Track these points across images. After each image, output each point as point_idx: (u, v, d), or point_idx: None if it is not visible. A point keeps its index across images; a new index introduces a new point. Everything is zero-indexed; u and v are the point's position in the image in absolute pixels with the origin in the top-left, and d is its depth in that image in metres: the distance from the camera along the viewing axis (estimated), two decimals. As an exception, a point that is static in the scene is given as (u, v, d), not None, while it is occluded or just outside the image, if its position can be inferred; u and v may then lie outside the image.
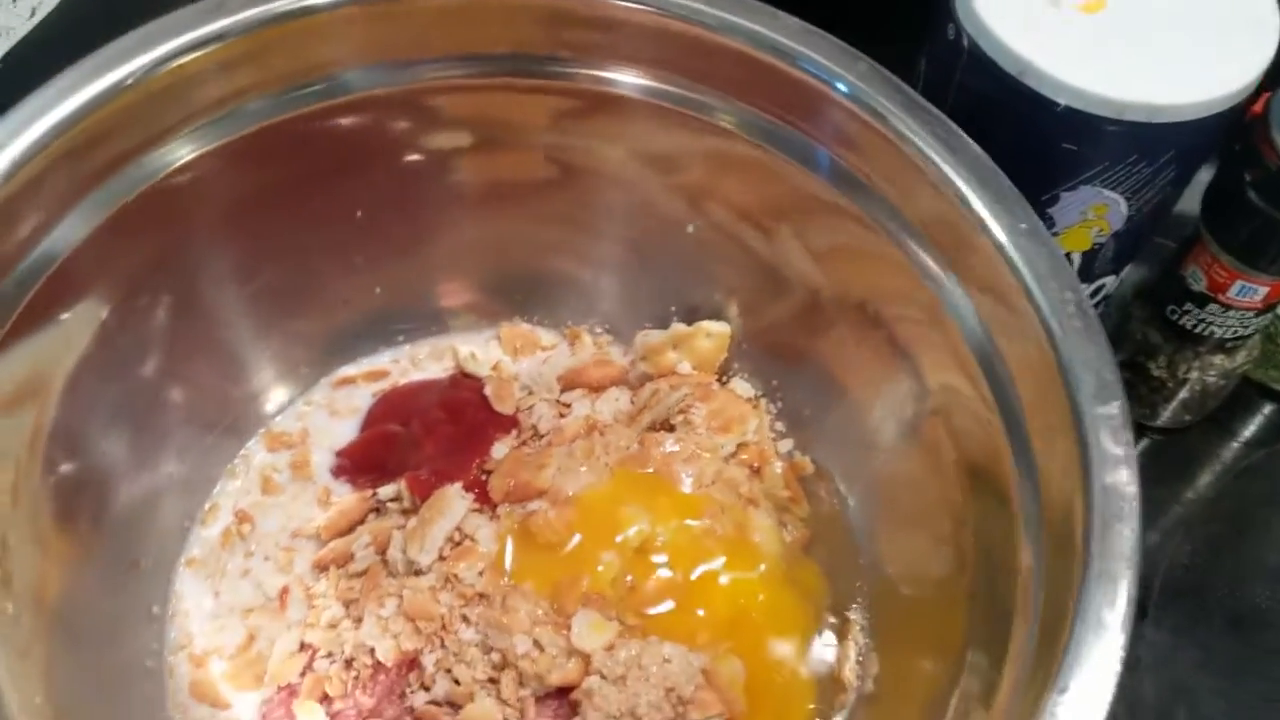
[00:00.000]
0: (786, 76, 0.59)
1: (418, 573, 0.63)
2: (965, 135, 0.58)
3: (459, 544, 0.64)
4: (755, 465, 0.71)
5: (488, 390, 0.72)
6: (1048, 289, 0.54)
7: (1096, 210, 0.67)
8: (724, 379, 0.74)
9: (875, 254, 0.62)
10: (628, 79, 0.62)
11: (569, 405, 0.72)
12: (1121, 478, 0.50)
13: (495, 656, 0.61)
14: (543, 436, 0.70)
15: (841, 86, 0.58)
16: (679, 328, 0.74)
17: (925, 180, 0.58)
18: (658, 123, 0.63)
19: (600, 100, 0.63)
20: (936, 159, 0.57)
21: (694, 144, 0.64)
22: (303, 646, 0.63)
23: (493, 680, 0.61)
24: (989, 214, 0.56)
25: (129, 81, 0.52)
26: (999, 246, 0.56)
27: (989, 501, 0.57)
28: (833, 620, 0.67)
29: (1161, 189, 0.66)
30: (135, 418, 0.63)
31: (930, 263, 0.60)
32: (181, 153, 0.57)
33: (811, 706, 0.65)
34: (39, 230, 0.53)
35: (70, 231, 0.54)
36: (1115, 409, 0.51)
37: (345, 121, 0.61)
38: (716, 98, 0.62)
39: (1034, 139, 0.63)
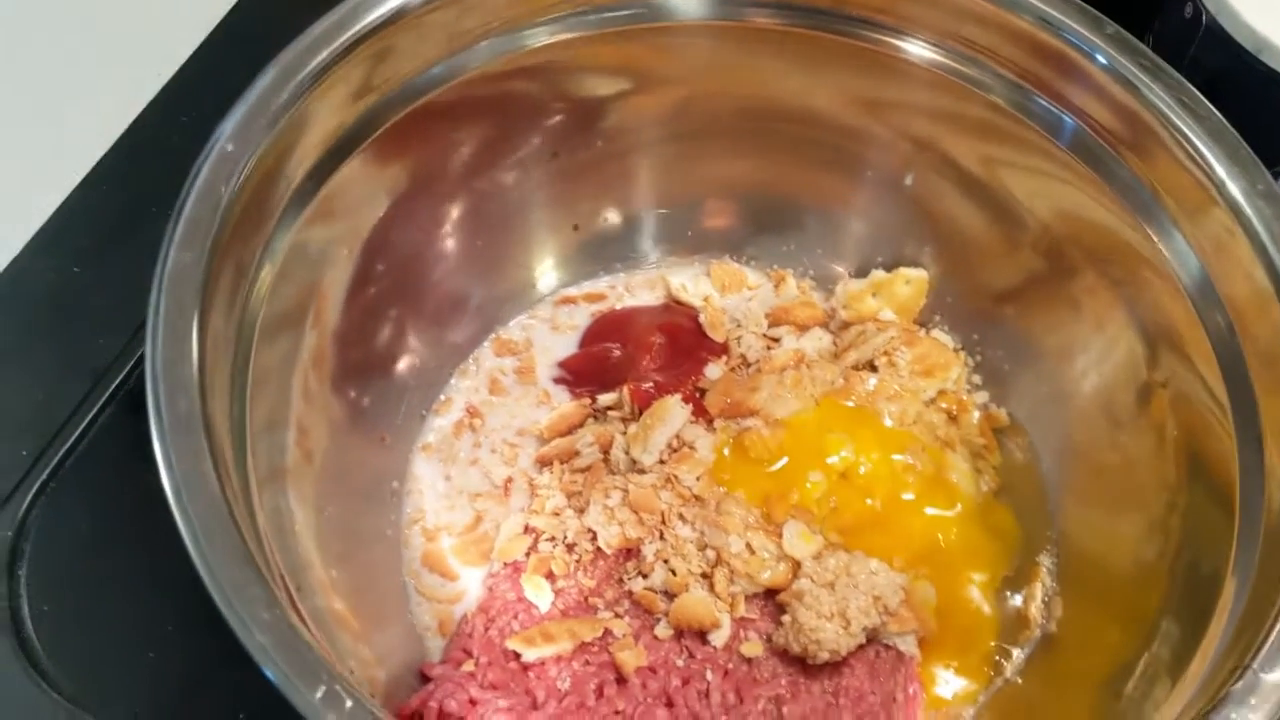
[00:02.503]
0: (1047, 45, 0.62)
1: (640, 472, 0.68)
2: (1206, 100, 0.61)
3: (678, 450, 0.69)
4: (953, 412, 0.74)
5: (702, 317, 0.77)
6: (1284, 248, 0.57)
7: (1315, 191, 0.69)
8: (925, 329, 0.78)
9: (1104, 216, 0.65)
10: (913, 46, 0.67)
11: (776, 339, 0.76)
12: (1354, 433, 0.52)
13: (710, 554, 0.65)
14: (751, 364, 0.75)
15: (1099, 56, 0.61)
16: (878, 274, 0.77)
17: (1165, 144, 0.61)
18: (928, 88, 0.67)
19: (884, 62, 0.67)
20: (1179, 123, 0.60)
21: (950, 108, 0.68)
22: (527, 530, 0.68)
23: (706, 575, 0.65)
24: (1227, 175, 0.59)
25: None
26: (1235, 207, 0.58)
27: (1205, 483, 0.60)
28: (1022, 561, 0.70)
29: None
30: (397, 308, 0.70)
31: (1160, 224, 0.62)
32: (540, 39, 0.64)
33: (994, 644, 0.68)
34: (420, 65, 0.61)
35: (440, 74, 0.62)
36: (1350, 365, 0.54)
37: (651, 43, 0.68)
38: (984, 69, 0.66)
39: (1265, 115, 0.66)
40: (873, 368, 0.75)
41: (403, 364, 0.71)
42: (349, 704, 0.42)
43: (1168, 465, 0.64)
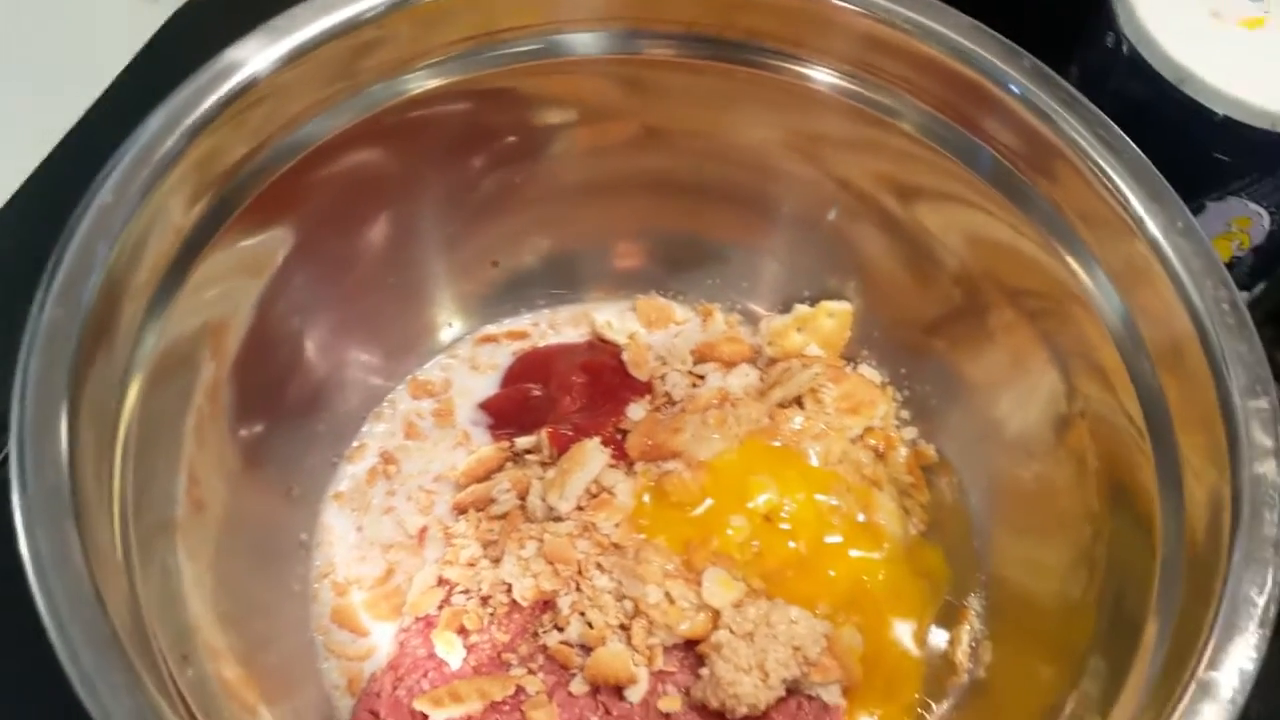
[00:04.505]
0: (962, 76, 0.61)
1: (556, 519, 0.66)
2: (1124, 135, 0.59)
3: (597, 496, 0.67)
4: (880, 449, 0.73)
5: (625, 356, 0.75)
6: (1201, 286, 0.56)
7: (1239, 223, 0.68)
8: (853, 364, 0.76)
9: (1025, 249, 0.63)
10: (823, 75, 0.65)
11: (701, 376, 0.75)
12: (1270, 468, 0.51)
13: (628, 604, 0.63)
14: (676, 403, 0.73)
15: (1013, 87, 0.60)
16: (801, 309, 0.76)
17: (1084, 178, 0.59)
18: (841, 118, 0.66)
19: (796, 93, 0.66)
20: (1097, 158, 0.59)
21: (865, 139, 0.67)
22: (440, 582, 0.66)
23: (624, 627, 0.63)
24: (1145, 212, 0.58)
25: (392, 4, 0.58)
26: (1154, 244, 0.57)
27: (1127, 513, 0.58)
28: (949, 604, 0.69)
29: (1306, 205, 0.67)
30: (303, 351, 0.68)
31: (1082, 258, 0.61)
32: (424, 83, 0.62)
33: (917, 696, 0.66)
34: (303, 114, 0.59)
35: (324, 125, 0.60)
36: (1266, 403, 0.53)
37: (555, 80, 0.66)
38: (896, 98, 0.64)
39: (1187, 148, 0.65)
40: (799, 405, 0.73)
41: (311, 409, 0.69)
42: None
43: (1090, 494, 0.63)
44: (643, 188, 0.73)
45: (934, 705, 0.66)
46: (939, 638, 0.68)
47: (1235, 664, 0.47)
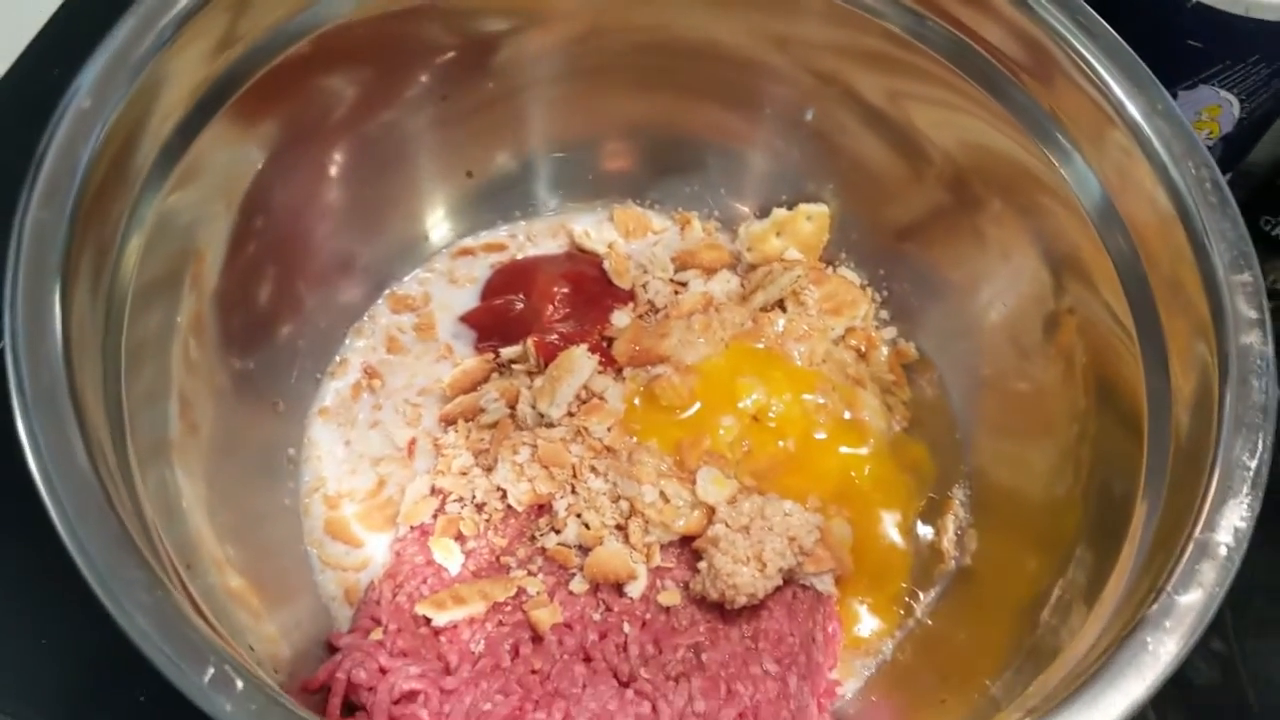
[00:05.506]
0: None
1: (548, 425, 0.66)
2: (1102, 20, 0.60)
3: (587, 401, 0.67)
4: (862, 349, 0.74)
5: (606, 265, 0.74)
6: (1183, 167, 0.57)
7: (1210, 111, 0.69)
8: (832, 266, 0.76)
9: (1008, 145, 0.64)
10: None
11: (683, 283, 0.75)
12: (1256, 338, 0.52)
13: (623, 505, 0.64)
14: (659, 310, 0.73)
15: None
16: (779, 213, 0.76)
17: (1063, 66, 0.60)
18: (824, 18, 0.66)
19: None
20: (1077, 44, 0.59)
21: (848, 38, 0.66)
22: (433, 491, 0.66)
23: (620, 527, 0.63)
24: (1125, 96, 0.58)
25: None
26: (1134, 128, 0.58)
27: (1113, 408, 0.59)
28: (934, 496, 0.70)
29: (1275, 93, 0.68)
30: (281, 267, 0.66)
31: (1062, 148, 0.61)
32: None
33: (905, 585, 0.68)
34: (279, 15, 0.58)
35: (300, 25, 0.59)
36: (1249, 276, 0.54)
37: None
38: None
39: (1160, 35, 0.65)
40: (781, 308, 0.73)
41: (291, 326, 0.68)
42: (240, 685, 0.40)
43: (1077, 393, 0.64)
44: (620, 88, 0.73)
45: (921, 594, 0.68)
46: (925, 530, 0.69)
47: (1230, 523, 0.48)
